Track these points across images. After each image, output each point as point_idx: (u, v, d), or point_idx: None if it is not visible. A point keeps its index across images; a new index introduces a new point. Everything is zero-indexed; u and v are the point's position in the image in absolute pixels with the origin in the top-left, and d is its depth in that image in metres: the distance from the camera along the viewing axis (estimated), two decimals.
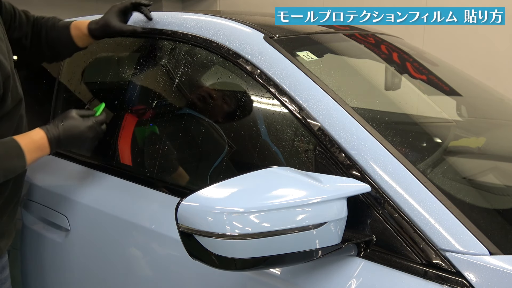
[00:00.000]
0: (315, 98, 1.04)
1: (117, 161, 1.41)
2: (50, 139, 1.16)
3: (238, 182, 0.86)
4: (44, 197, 1.47)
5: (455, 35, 3.22)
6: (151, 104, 1.39)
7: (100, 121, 1.24)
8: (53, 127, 1.17)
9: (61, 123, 1.18)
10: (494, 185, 1.17)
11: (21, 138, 1.13)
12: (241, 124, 1.30)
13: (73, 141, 1.20)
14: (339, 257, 0.90)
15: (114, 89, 1.51)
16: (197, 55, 1.30)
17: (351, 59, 1.53)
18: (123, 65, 1.57)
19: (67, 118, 1.19)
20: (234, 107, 1.32)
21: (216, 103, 1.38)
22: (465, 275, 0.79)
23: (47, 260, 1.45)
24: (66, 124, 1.18)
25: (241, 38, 1.20)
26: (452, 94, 1.63)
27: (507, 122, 1.58)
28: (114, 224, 1.27)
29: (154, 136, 1.40)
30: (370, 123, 1.01)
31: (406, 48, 1.69)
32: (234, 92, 1.35)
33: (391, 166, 0.92)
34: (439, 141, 1.33)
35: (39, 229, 1.47)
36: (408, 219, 0.86)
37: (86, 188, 1.38)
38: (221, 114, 1.36)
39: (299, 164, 1.06)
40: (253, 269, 0.86)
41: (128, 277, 1.23)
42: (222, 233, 0.79)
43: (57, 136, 1.16)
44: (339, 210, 0.84)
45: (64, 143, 1.18)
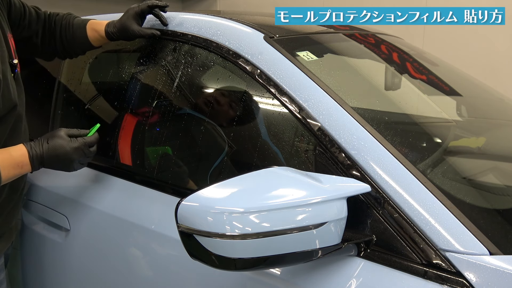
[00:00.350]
0: (315, 98, 1.04)
1: (117, 161, 1.41)
2: (32, 157, 1.11)
3: (238, 182, 0.86)
4: (44, 197, 1.47)
5: (455, 35, 3.22)
6: (151, 104, 1.39)
7: (89, 142, 1.17)
8: (38, 145, 1.12)
9: (46, 142, 1.13)
10: (494, 185, 1.17)
11: (0, 153, 1.08)
12: (241, 124, 1.30)
13: (57, 161, 1.14)
14: (339, 257, 0.90)
15: (114, 89, 1.51)
16: (197, 55, 1.30)
17: (351, 59, 1.53)
18: (123, 65, 1.57)
19: (54, 137, 1.14)
20: (235, 107, 1.32)
21: (218, 104, 1.38)
22: (465, 275, 0.79)
23: (47, 260, 1.45)
24: (52, 143, 1.12)
25: (241, 38, 1.20)
26: (452, 94, 1.63)
27: (507, 122, 1.58)
28: (114, 224, 1.27)
29: (167, 156, 1.37)
30: (370, 123, 1.01)
31: (406, 48, 1.69)
32: (234, 92, 1.35)
33: (391, 166, 0.92)
34: (439, 141, 1.33)
35: (39, 229, 1.47)
36: (408, 219, 0.86)
37: (86, 188, 1.38)
38: (223, 115, 1.35)
39: (299, 164, 1.06)
40: (253, 269, 0.86)
41: (128, 277, 1.23)
42: (222, 233, 0.79)
43: (40, 154, 1.11)
44: (339, 210, 0.84)
45: (47, 163, 1.13)
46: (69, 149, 1.13)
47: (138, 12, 1.30)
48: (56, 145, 1.12)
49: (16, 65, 1.20)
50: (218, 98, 1.36)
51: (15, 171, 1.09)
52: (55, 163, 1.14)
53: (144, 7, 1.30)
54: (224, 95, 1.36)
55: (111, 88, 1.52)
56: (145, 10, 1.31)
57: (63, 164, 1.15)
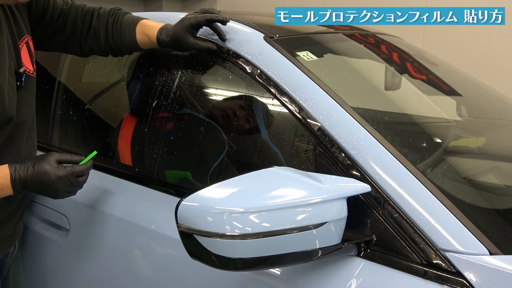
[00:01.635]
0: (315, 98, 1.04)
1: (117, 161, 1.41)
2: (14, 180, 1.04)
3: (238, 182, 0.86)
4: (44, 197, 1.47)
5: (455, 35, 3.22)
6: (151, 104, 1.39)
7: (77, 172, 1.08)
8: (23, 168, 1.06)
9: (32, 166, 1.06)
10: (494, 185, 1.17)
11: None
12: (241, 124, 1.30)
13: (41, 188, 1.07)
14: (339, 257, 0.90)
15: (114, 88, 1.51)
16: (196, 55, 1.30)
17: (351, 59, 1.53)
18: (123, 65, 1.57)
19: (41, 162, 1.06)
20: (235, 108, 1.32)
21: (218, 104, 1.38)
22: (465, 275, 0.79)
23: (47, 260, 1.45)
24: (37, 168, 1.05)
25: (241, 38, 1.20)
26: (452, 94, 1.63)
27: (507, 122, 1.58)
28: (114, 224, 1.27)
29: (187, 180, 1.36)
30: (370, 123, 1.01)
31: (406, 48, 1.69)
32: (234, 93, 1.35)
33: (391, 166, 0.92)
34: (439, 141, 1.33)
35: (39, 229, 1.47)
36: (408, 219, 0.86)
37: (86, 188, 1.38)
38: (223, 115, 1.35)
39: (299, 164, 1.06)
40: (253, 269, 0.86)
41: (128, 277, 1.23)
42: (222, 233, 0.79)
43: (24, 178, 1.05)
44: (339, 210, 0.84)
45: (30, 188, 1.06)
46: (54, 177, 1.05)
47: (193, 24, 1.20)
48: (41, 171, 1.05)
49: (22, 73, 1.13)
50: (218, 98, 1.36)
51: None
52: (39, 189, 1.08)
53: (201, 19, 1.19)
54: (224, 96, 1.35)
55: (111, 88, 1.52)
56: (202, 23, 1.21)
57: (47, 191, 1.08)
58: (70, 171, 1.07)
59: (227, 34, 1.20)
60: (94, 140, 1.69)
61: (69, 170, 1.07)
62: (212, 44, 1.20)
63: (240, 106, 1.30)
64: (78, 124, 1.66)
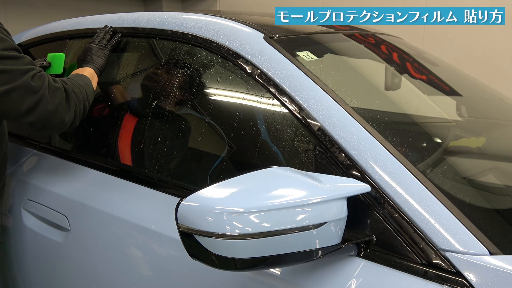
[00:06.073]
0: (315, 98, 1.04)
1: (117, 161, 1.41)
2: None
3: (238, 182, 0.86)
4: (44, 197, 1.47)
5: (455, 35, 3.22)
6: (151, 104, 1.39)
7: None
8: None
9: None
10: (494, 185, 1.17)
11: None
12: (241, 124, 1.30)
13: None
14: (339, 257, 0.90)
15: (113, 89, 1.51)
16: (197, 55, 1.30)
17: (351, 59, 1.53)
18: (122, 65, 1.57)
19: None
20: (234, 107, 1.32)
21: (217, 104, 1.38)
22: (465, 275, 0.79)
23: (47, 260, 1.45)
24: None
25: (241, 38, 1.20)
26: (452, 94, 1.63)
27: (507, 122, 1.58)
28: (114, 224, 1.27)
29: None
30: (370, 123, 1.01)
31: (406, 48, 1.69)
32: (234, 93, 1.35)
33: (391, 166, 0.92)
34: (439, 141, 1.33)
35: (39, 229, 1.47)
36: (408, 219, 0.86)
37: (86, 188, 1.38)
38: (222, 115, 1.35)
39: (299, 164, 1.06)
40: (253, 269, 0.85)
41: (128, 277, 1.23)
42: (222, 233, 0.79)
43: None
44: (339, 210, 0.84)
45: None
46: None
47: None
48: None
49: None
50: (217, 98, 1.36)
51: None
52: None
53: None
54: (223, 95, 1.35)
55: (110, 88, 1.52)
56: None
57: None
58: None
59: (227, 34, 1.20)
60: (94, 140, 1.69)
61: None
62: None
63: (240, 106, 1.29)
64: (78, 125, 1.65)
